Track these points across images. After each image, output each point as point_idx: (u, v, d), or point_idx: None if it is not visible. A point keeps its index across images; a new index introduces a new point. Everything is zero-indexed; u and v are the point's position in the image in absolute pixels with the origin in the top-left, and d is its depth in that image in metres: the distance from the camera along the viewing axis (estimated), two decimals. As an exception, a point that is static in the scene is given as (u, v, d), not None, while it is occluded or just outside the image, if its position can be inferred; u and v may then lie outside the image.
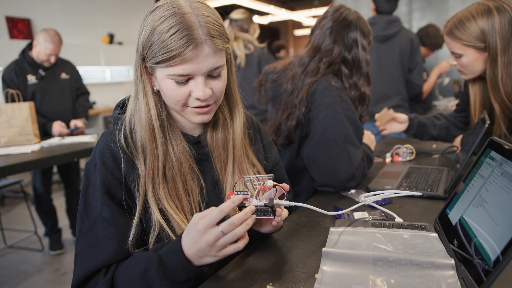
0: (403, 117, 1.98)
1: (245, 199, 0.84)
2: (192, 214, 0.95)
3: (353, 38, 1.51)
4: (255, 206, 0.84)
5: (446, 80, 3.82)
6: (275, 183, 0.88)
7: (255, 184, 0.89)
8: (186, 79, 0.88)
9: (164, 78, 0.89)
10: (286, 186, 0.89)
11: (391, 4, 2.96)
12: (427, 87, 3.48)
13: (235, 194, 0.84)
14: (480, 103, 1.70)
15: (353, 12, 1.55)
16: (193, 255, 0.78)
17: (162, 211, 0.92)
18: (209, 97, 0.92)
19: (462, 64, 1.60)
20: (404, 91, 3.07)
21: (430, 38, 3.60)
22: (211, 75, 0.91)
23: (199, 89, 0.89)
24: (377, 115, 2.02)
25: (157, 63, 0.87)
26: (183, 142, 0.99)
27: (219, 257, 0.78)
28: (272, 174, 0.91)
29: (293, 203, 0.91)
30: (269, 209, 0.85)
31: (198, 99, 0.90)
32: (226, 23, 3.15)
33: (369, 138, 1.74)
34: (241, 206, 0.85)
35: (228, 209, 0.77)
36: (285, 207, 0.95)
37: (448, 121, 1.99)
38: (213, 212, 0.76)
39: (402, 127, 1.99)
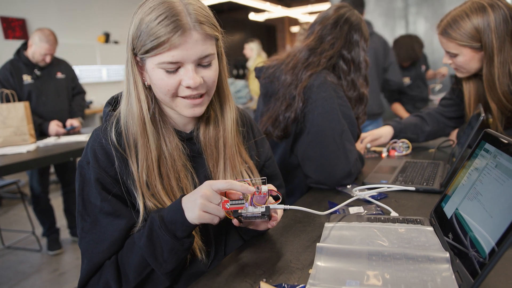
0: (384, 132, 1.96)
1: (241, 207, 0.84)
2: None
3: (355, 38, 1.51)
4: (251, 214, 0.84)
5: (438, 87, 3.85)
6: (269, 188, 0.88)
7: None
8: (176, 67, 0.87)
9: (154, 68, 0.88)
10: (276, 189, 0.91)
11: (358, 9, 3.12)
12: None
13: (230, 204, 0.84)
14: (474, 100, 1.67)
15: (356, 13, 1.55)
16: (184, 202, 0.83)
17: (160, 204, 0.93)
18: (200, 86, 0.91)
19: (458, 64, 1.57)
20: (379, 94, 3.26)
21: (402, 51, 3.69)
22: (201, 64, 0.90)
23: (189, 76, 0.88)
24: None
25: (147, 52, 0.86)
26: (176, 139, 0.98)
27: (198, 216, 0.80)
28: (265, 177, 0.91)
29: (288, 207, 0.91)
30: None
31: (188, 87, 0.89)
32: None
33: (358, 145, 1.74)
34: (237, 216, 0.85)
35: (236, 188, 0.82)
36: (279, 203, 0.94)
37: (438, 123, 1.95)
38: (222, 180, 0.83)
39: (387, 138, 1.96)
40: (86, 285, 0.90)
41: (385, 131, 1.94)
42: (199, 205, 0.80)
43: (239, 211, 0.84)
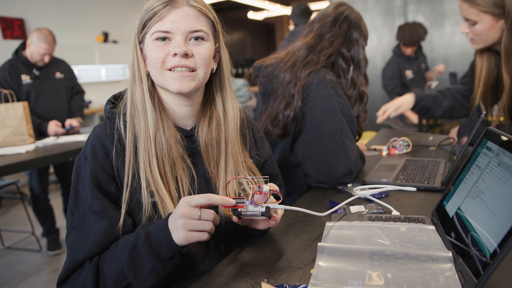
0: (406, 100, 1.95)
1: (241, 206, 0.84)
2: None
3: (354, 36, 1.50)
4: (251, 213, 0.84)
5: (435, 84, 3.86)
6: (271, 188, 0.87)
7: (249, 187, 0.88)
8: (165, 36, 0.91)
9: (149, 43, 0.93)
10: (277, 188, 0.90)
11: (305, 18, 3.38)
12: None
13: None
14: (485, 75, 1.65)
15: (355, 11, 1.54)
16: (169, 223, 0.80)
17: (153, 190, 0.91)
18: (189, 60, 0.92)
19: (476, 32, 1.54)
20: None
21: (406, 34, 3.72)
22: (193, 38, 0.93)
23: (176, 45, 0.91)
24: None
25: (144, 26, 0.93)
26: (174, 129, 0.97)
27: (184, 237, 0.77)
28: (267, 176, 0.90)
29: (288, 207, 0.91)
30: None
31: (175, 54, 0.91)
32: None
33: (361, 145, 1.73)
34: (238, 214, 0.85)
35: (215, 202, 0.79)
36: (280, 203, 0.94)
37: (455, 100, 1.94)
38: (200, 195, 0.79)
39: (409, 106, 1.96)
40: (65, 282, 0.89)
41: (407, 99, 1.94)
42: (181, 225, 0.77)
43: (239, 209, 0.84)
